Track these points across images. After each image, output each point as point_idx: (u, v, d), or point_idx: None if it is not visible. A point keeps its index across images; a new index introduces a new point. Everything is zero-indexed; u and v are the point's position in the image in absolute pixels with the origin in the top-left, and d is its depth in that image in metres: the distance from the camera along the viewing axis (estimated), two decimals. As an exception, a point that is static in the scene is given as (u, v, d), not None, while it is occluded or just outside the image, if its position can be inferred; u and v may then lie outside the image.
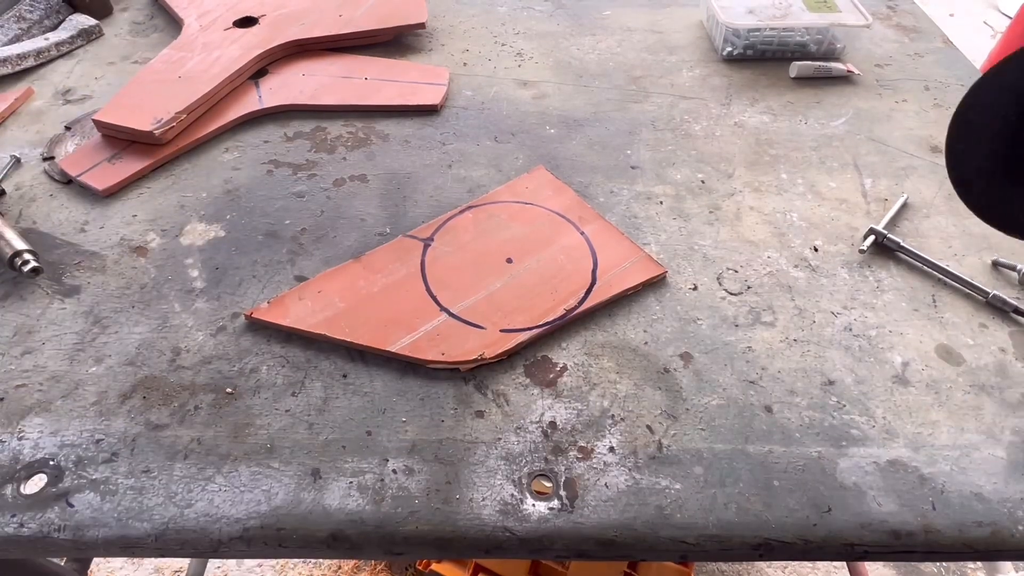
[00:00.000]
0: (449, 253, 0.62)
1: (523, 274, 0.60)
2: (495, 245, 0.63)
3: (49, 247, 0.63)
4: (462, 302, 0.58)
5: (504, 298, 0.58)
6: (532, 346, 0.56)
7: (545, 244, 0.63)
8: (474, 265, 0.61)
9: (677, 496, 0.48)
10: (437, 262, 0.61)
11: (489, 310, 0.57)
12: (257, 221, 0.66)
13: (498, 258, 0.62)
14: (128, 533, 0.45)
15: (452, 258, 0.62)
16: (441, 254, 0.62)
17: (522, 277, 0.60)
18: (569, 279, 0.60)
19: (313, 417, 0.52)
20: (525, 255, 0.62)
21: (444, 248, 0.63)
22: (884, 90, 0.85)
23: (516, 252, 0.62)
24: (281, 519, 0.46)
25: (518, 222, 0.65)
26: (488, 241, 0.63)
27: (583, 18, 0.97)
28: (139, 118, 0.72)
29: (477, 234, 0.64)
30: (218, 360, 0.55)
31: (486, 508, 0.47)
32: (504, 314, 0.57)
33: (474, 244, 0.63)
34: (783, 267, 0.63)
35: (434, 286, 0.59)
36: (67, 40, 0.87)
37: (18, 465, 0.48)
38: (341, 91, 0.81)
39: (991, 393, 0.54)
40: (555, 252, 0.62)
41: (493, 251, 0.62)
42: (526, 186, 0.70)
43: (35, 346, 0.55)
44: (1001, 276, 0.63)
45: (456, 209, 0.67)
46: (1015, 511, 0.47)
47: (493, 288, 0.59)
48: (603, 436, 0.51)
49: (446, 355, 0.54)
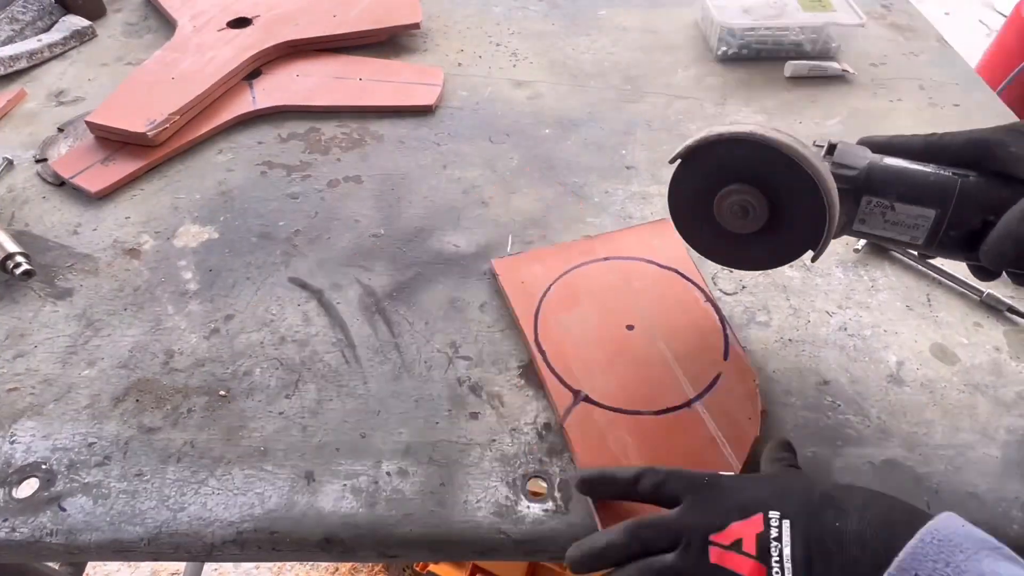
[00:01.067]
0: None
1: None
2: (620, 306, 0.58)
3: (42, 249, 0.63)
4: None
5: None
6: (525, 347, 0.56)
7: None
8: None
9: (672, 497, 0.48)
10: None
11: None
12: (251, 223, 0.66)
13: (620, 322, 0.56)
14: (121, 537, 0.45)
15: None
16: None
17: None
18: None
19: (307, 419, 0.51)
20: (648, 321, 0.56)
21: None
22: (879, 89, 0.85)
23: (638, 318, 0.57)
24: (275, 522, 0.46)
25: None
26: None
27: (578, 18, 0.97)
28: (132, 119, 0.71)
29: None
30: (211, 362, 0.55)
31: (481, 510, 0.47)
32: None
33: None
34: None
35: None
36: (60, 41, 0.87)
37: (10, 469, 0.48)
38: (335, 92, 0.80)
39: (985, 392, 0.54)
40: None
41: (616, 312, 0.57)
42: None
43: (27, 349, 0.55)
44: (996, 275, 0.63)
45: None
46: (1010, 510, 0.47)
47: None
48: (598, 437, 0.51)
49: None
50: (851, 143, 0.48)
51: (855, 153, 0.46)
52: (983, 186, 0.44)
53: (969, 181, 0.44)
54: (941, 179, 0.45)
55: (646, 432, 0.50)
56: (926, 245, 0.46)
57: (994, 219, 0.43)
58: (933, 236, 0.45)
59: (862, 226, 0.47)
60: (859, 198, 0.46)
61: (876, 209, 0.46)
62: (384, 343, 0.56)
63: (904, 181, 0.45)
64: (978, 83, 0.87)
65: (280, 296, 0.60)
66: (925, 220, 0.45)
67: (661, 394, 0.52)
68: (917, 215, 0.45)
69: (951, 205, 0.44)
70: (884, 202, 0.45)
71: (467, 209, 0.68)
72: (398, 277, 0.62)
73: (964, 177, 0.44)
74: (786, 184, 0.45)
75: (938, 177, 0.45)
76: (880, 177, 0.46)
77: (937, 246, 0.46)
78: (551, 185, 0.71)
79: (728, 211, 0.47)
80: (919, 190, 0.45)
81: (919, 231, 0.45)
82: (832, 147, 0.47)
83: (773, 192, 0.46)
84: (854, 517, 0.36)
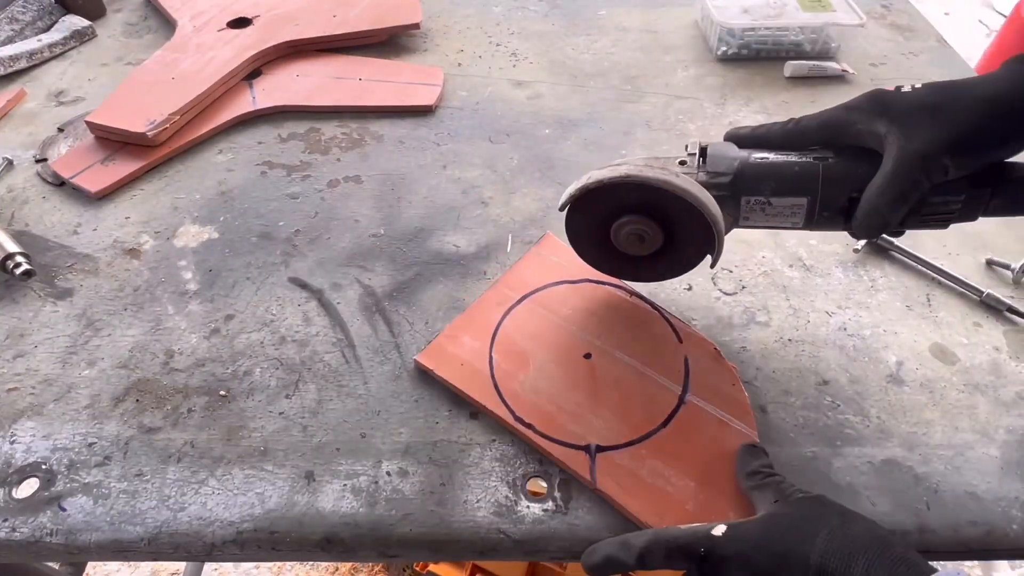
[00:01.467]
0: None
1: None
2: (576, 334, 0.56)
3: (42, 249, 0.63)
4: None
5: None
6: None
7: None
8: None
9: (672, 497, 0.48)
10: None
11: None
12: (251, 223, 0.66)
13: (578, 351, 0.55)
14: (121, 537, 0.45)
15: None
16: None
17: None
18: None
19: (307, 419, 0.51)
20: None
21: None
22: (878, 89, 0.85)
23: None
24: (275, 522, 0.46)
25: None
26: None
27: (578, 18, 0.97)
28: (132, 120, 0.71)
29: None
30: (211, 362, 0.55)
31: (481, 510, 0.47)
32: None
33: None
34: (778, 267, 0.63)
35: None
36: (60, 41, 0.87)
37: (10, 469, 0.48)
38: (335, 92, 0.80)
39: (985, 392, 0.54)
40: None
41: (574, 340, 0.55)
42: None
43: (27, 349, 0.55)
44: (995, 275, 0.63)
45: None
46: (1009, 510, 0.47)
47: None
48: (598, 437, 0.51)
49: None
50: (720, 143, 0.50)
51: (726, 156, 0.49)
52: (843, 166, 0.47)
53: (829, 164, 0.47)
54: (805, 167, 0.47)
55: (668, 448, 0.50)
56: (806, 227, 0.49)
57: (858, 195, 0.46)
58: (810, 219, 0.48)
59: (747, 222, 0.50)
60: (738, 198, 0.49)
61: (756, 206, 0.49)
62: (384, 343, 0.56)
63: (773, 176, 0.48)
64: (978, 83, 0.87)
65: (280, 296, 0.60)
66: (800, 208, 0.48)
67: (654, 404, 0.52)
68: (792, 204, 0.48)
69: (819, 190, 0.47)
70: (761, 199, 0.48)
71: (467, 209, 0.68)
72: (398, 277, 0.62)
73: (824, 160, 0.47)
74: (669, 209, 0.48)
75: (802, 166, 0.47)
76: (752, 177, 0.48)
77: (815, 226, 0.49)
78: (551, 185, 0.71)
79: (625, 240, 0.51)
80: (788, 182, 0.47)
81: (797, 217, 0.48)
82: (704, 152, 0.49)
83: (661, 217, 0.49)
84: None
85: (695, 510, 0.47)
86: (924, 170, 0.43)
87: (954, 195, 0.45)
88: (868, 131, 0.45)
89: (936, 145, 0.43)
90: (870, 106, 0.45)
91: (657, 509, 0.46)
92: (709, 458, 0.49)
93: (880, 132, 0.44)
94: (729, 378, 0.53)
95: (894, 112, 0.44)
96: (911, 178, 0.43)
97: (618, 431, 0.50)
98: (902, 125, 0.44)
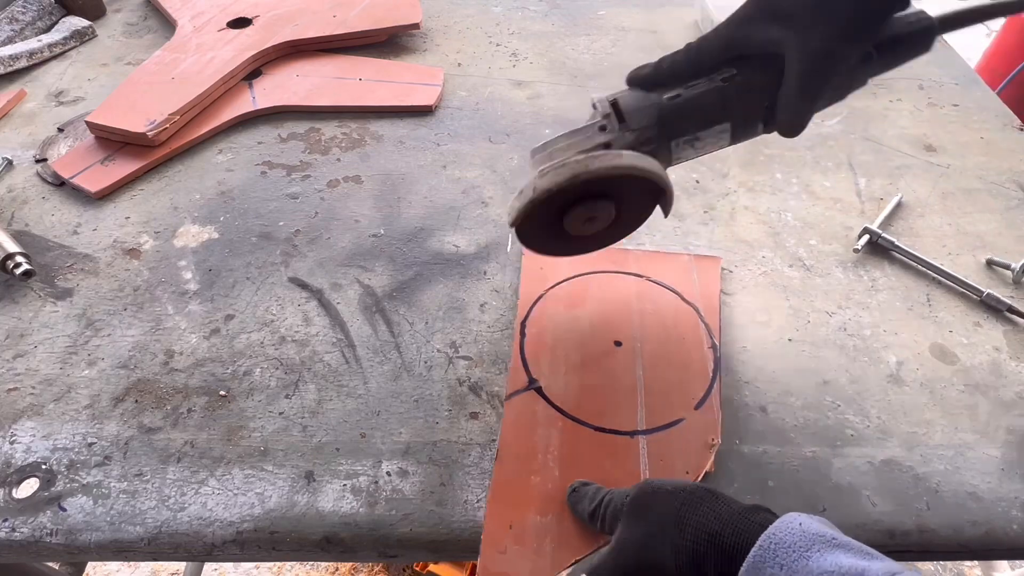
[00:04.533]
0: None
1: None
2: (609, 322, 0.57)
3: (41, 250, 0.63)
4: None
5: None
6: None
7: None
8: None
9: (672, 497, 0.48)
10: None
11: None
12: (251, 223, 0.66)
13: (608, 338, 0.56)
14: (121, 537, 0.45)
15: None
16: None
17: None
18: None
19: (307, 419, 0.51)
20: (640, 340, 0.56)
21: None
22: (878, 89, 0.85)
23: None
24: (275, 522, 0.46)
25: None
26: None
27: (578, 18, 0.97)
28: (132, 120, 0.71)
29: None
30: (211, 363, 0.55)
31: (481, 510, 0.47)
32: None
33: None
34: (777, 267, 0.63)
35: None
36: (60, 41, 0.87)
37: (10, 469, 0.48)
38: (335, 92, 0.81)
39: (985, 392, 0.54)
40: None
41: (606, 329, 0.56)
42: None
43: (27, 349, 0.55)
44: (995, 275, 0.63)
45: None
46: (1009, 510, 0.47)
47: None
48: (598, 437, 0.51)
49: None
50: (628, 93, 0.49)
51: (642, 107, 0.48)
52: (751, 79, 0.47)
53: (739, 81, 0.47)
54: (720, 92, 0.47)
55: (576, 442, 0.50)
56: (734, 143, 0.50)
57: (771, 102, 0.46)
58: (736, 136, 0.49)
59: (679, 160, 0.50)
60: (667, 144, 0.49)
61: (685, 145, 0.49)
62: (384, 343, 0.56)
63: (694, 112, 0.48)
64: (977, 83, 0.88)
65: (280, 296, 0.60)
66: (725, 131, 0.49)
67: (613, 415, 0.52)
68: (718, 131, 0.49)
69: (736, 109, 0.48)
70: (688, 137, 0.49)
71: (467, 209, 0.68)
72: (398, 277, 0.62)
73: (732, 79, 0.47)
74: (613, 185, 0.47)
75: (717, 92, 0.47)
76: (674, 120, 0.48)
77: (739, 139, 0.50)
78: (551, 185, 0.71)
79: (581, 225, 0.50)
80: (709, 113, 0.48)
81: (724, 139, 0.49)
82: (617, 108, 0.49)
83: (612, 195, 0.48)
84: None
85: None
86: (829, 65, 0.44)
87: (848, 73, 0.47)
88: (766, 39, 0.45)
89: (833, 39, 0.43)
90: (760, 14, 0.46)
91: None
92: (590, 478, 0.49)
93: (776, 38, 0.45)
94: (692, 466, 0.49)
95: (783, 14, 0.44)
96: (819, 74, 0.44)
97: (564, 399, 0.52)
98: (795, 26, 0.44)
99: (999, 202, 0.71)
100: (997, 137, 0.79)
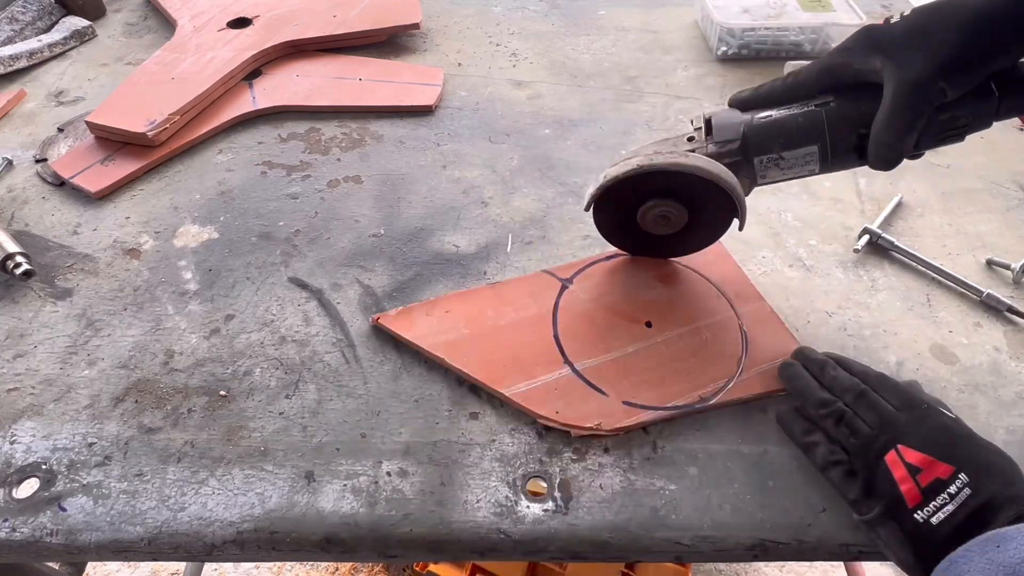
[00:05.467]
0: (586, 301, 0.57)
1: (661, 344, 0.55)
2: (637, 304, 0.57)
3: (41, 250, 0.63)
4: (588, 359, 0.53)
5: (635, 366, 0.53)
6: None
7: (692, 315, 0.57)
8: (610, 321, 0.56)
9: (672, 497, 0.48)
10: (571, 308, 0.57)
11: (616, 375, 0.53)
12: (251, 223, 0.66)
13: (637, 319, 0.56)
14: (121, 537, 0.45)
15: (588, 307, 0.57)
16: (577, 300, 0.57)
17: (659, 347, 0.54)
18: (711, 362, 0.54)
19: (307, 419, 0.51)
20: (667, 323, 0.56)
21: (582, 295, 0.58)
22: (878, 89, 0.85)
23: (657, 317, 0.56)
24: (275, 522, 0.46)
25: (666, 284, 0.59)
26: (630, 298, 0.58)
27: (578, 18, 0.97)
28: (132, 120, 0.71)
29: (619, 287, 0.59)
30: (211, 363, 0.55)
31: (481, 510, 0.47)
32: (631, 384, 0.52)
33: (613, 297, 0.58)
34: (777, 267, 0.63)
35: (563, 334, 0.55)
36: (60, 41, 0.87)
37: (10, 469, 0.48)
38: (335, 92, 0.80)
39: (985, 392, 0.54)
40: (701, 327, 0.56)
41: (633, 310, 0.57)
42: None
43: (27, 349, 0.55)
44: (995, 275, 0.63)
45: (602, 254, 0.62)
46: (1009, 510, 0.47)
47: (625, 352, 0.54)
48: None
49: (560, 415, 0.50)
50: (724, 110, 0.52)
51: (730, 123, 0.50)
52: (845, 107, 0.48)
53: (832, 108, 0.48)
54: (809, 116, 0.49)
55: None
56: (823, 171, 0.50)
57: (866, 131, 0.46)
58: (824, 163, 0.50)
59: (765, 180, 0.51)
60: (751, 160, 0.50)
61: (769, 163, 0.50)
62: (384, 343, 0.56)
63: (780, 132, 0.49)
64: (978, 83, 0.87)
65: (280, 296, 0.60)
66: (812, 155, 0.49)
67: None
68: (804, 154, 0.49)
69: (826, 135, 0.48)
70: (772, 156, 0.50)
71: (467, 209, 0.68)
72: (398, 277, 0.62)
73: (826, 105, 0.48)
74: (687, 187, 0.50)
75: (806, 115, 0.49)
76: (759, 137, 0.49)
77: (831, 167, 0.50)
78: (551, 185, 0.71)
79: (653, 222, 0.54)
80: (795, 134, 0.49)
81: (812, 164, 0.50)
82: (709, 123, 0.51)
83: (681, 195, 0.51)
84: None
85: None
86: (922, 97, 0.43)
87: (960, 110, 0.46)
88: (865, 68, 0.45)
89: (929, 70, 0.43)
90: (863, 43, 0.46)
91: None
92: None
93: (876, 67, 0.45)
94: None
95: (885, 44, 0.45)
96: (911, 107, 0.44)
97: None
98: (895, 56, 0.44)
99: (999, 202, 0.71)
100: (997, 137, 0.79)
